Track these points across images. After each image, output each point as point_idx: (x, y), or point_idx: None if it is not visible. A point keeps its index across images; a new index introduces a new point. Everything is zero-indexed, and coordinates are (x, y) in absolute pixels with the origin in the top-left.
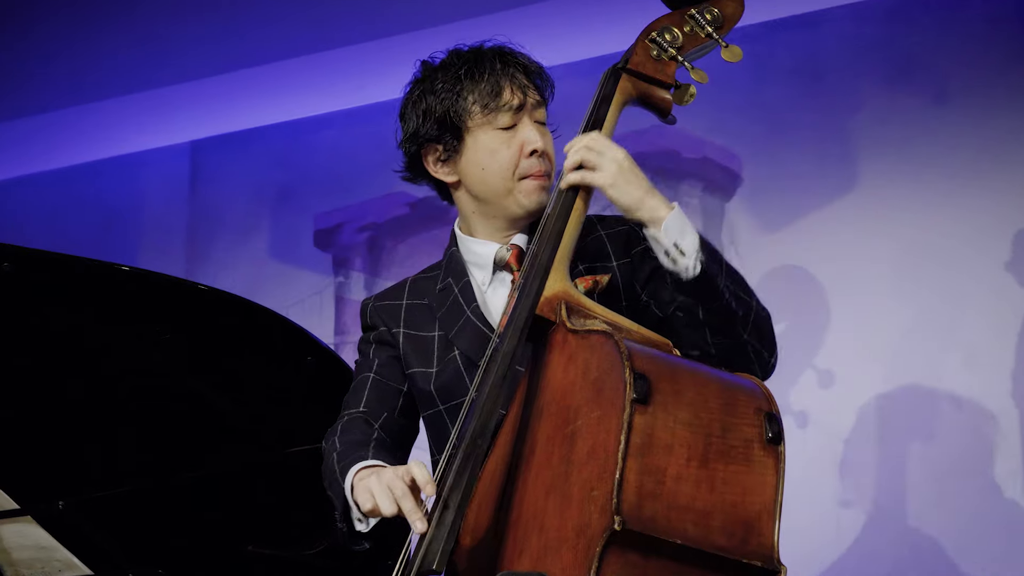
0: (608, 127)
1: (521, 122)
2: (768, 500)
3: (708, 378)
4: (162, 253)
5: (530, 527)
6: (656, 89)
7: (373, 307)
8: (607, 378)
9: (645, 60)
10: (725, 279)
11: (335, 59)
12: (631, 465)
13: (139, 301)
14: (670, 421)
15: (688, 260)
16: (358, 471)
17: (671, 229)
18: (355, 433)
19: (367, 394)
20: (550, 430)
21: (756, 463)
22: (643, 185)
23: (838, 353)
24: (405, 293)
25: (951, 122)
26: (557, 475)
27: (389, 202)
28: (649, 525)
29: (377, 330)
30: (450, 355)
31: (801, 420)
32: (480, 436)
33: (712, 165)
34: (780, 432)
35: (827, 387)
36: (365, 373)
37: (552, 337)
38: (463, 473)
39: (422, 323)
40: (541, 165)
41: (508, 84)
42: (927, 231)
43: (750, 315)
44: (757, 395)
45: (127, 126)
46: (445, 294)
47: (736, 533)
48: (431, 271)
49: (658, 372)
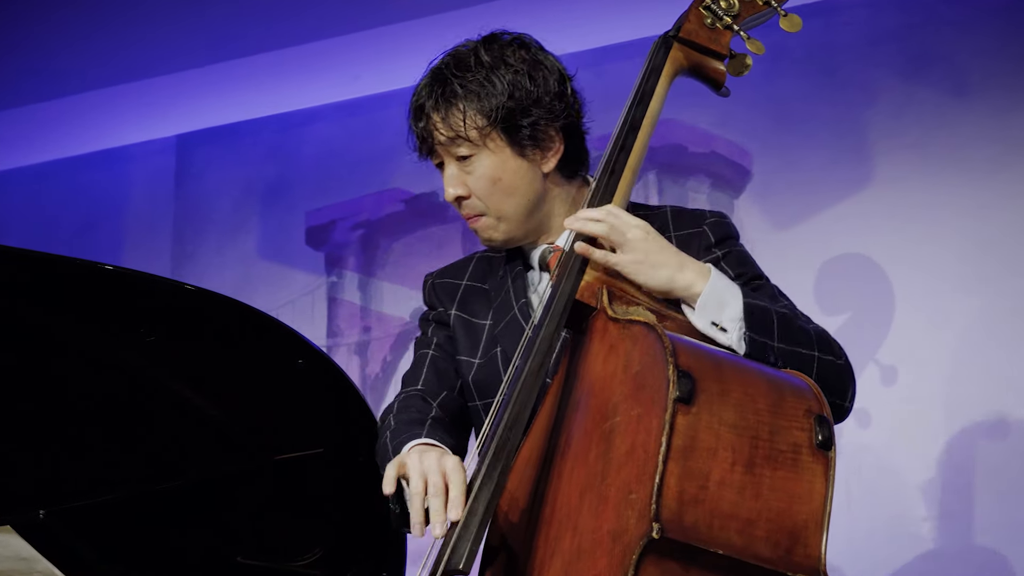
0: (657, 100)
1: (445, 164)
2: (816, 509)
3: (756, 376)
4: (147, 251)
5: (563, 527)
6: (709, 60)
7: (433, 284)
8: (649, 373)
9: (698, 28)
10: (778, 344)
11: (328, 49)
12: (672, 469)
13: (122, 302)
14: (715, 422)
15: (730, 336)
16: (411, 449)
17: (708, 306)
18: (411, 411)
19: (426, 371)
20: (587, 424)
21: (804, 469)
22: (670, 262)
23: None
24: (468, 272)
25: (970, 116)
26: (593, 473)
27: (384, 198)
28: (690, 534)
29: (435, 310)
30: (493, 351)
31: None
32: (512, 429)
33: (721, 160)
34: (831, 436)
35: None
36: (424, 350)
37: (592, 324)
38: (494, 468)
39: (477, 309)
40: (464, 210)
41: (420, 129)
42: (946, 229)
43: (812, 374)
44: (807, 395)
45: (110, 119)
46: (502, 283)
47: (781, 543)
48: (499, 249)
49: (703, 369)
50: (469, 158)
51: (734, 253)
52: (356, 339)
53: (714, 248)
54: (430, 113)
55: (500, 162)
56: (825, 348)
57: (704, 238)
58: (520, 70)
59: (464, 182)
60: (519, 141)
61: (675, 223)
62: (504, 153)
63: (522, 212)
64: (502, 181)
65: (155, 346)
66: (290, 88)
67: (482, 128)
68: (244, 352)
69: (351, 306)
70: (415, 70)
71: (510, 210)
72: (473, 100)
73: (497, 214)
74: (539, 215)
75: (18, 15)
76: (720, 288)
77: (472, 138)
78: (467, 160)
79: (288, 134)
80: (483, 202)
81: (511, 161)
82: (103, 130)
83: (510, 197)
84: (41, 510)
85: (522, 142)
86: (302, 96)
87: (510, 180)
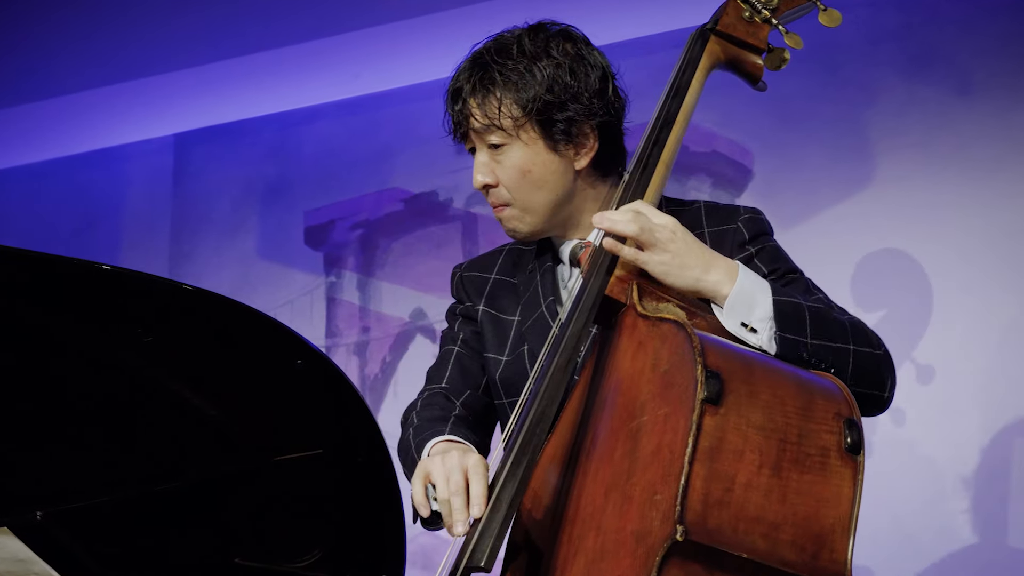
0: (693, 94)
1: (477, 150)
2: (843, 514)
3: (786, 378)
4: (144, 251)
5: (587, 526)
6: (747, 53)
7: (461, 277)
8: (677, 373)
9: (736, 21)
10: (811, 340)
11: (327, 47)
12: (698, 470)
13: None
14: (742, 424)
15: (761, 337)
16: (433, 446)
17: (737, 306)
18: (434, 408)
19: (450, 369)
20: (614, 423)
21: (832, 473)
22: (699, 260)
23: None
24: (496, 265)
25: (974, 115)
26: (619, 472)
27: (383, 198)
28: (715, 536)
29: (463, 304)
30: (520, 348)
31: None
32: (538, 425)
33: (722, 159)
34: (860, 440)
35: None
36: (449, 346)
37: (622, 320)
38: (518, 465)
39: (505, 305)
40: (489, 199)
41: (456, 113)
42: (948, 229)
43: (847, 366)
44: (837, 398)
45: (107, 118)
46: (531, 278)
47: (807, 548)
48: (530, 242)
49: (732, 369)
50: (501, 147)
51: (767, 249)
52: (355, 339)
53: (747, 245)
54: (467, 98)
55: (532, 154)
56: (861, 339)
57: (738, 235)
58: (562, 63)
59: (493, 171)
60: (553, 135)
61: (708, 219)
62: (537, 146)
63: (548, 207)
64: (532, 173)
65: (153, 346)
66: (289, 87)
67: (517, 119)
68: (242, 352)
69: (350, 306)
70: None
71: (537, 203)
72: (511, 89)
73: (523, 206)
74: (567, 211)
75: (16, 14)
76: (749, 287)
77: (506, 127)
78: (499, 149)
79: (287, 133)
80: (510, 193)
81: (543, 154)
82: (100, 129)
83: (538, 190)
84: (38, 511)
85: (556, 137)
86: (301, 95)
87: (540, 173)
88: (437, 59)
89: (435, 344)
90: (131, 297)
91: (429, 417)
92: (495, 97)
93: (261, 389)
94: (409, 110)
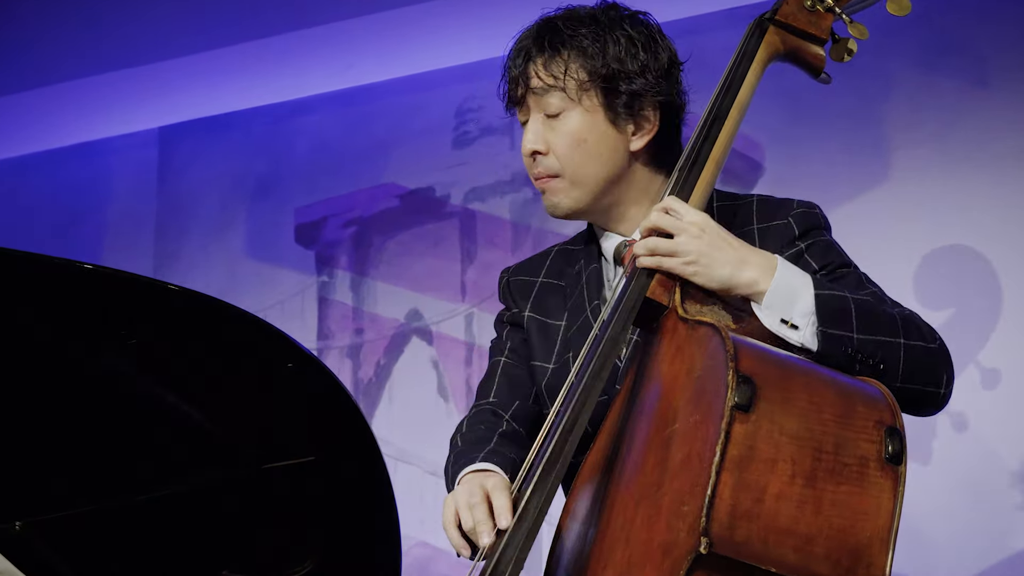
0: (747, 88)
1: (529, 117)
2: (882, 527)
3: (825, 383)
4: (128, 249)
5: (617, 538)
6: (808, 44)
7: (508, 282)
8: (710, 378)
9: (797, 11)
10: (858, 335)
11: (318, 36)
12: (726, 480)
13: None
14: (775, 432)
15: (803, 334)
16: (464, 476)
17: (775, 303)
18: (479, 428)
19: (497, 381)
20: (650, 430)
21: (871, 484)
22: (731, 258)
23: None
24: (545, 267)
25: (993, 107)
26: (650, 483)
27: (377, 194)
28: (742, 550)
29: (511, 310)
30: (566, 356)
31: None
32: (569, 434)
33: (732, 153)
34: (902, 449)
35: None
36: (497, 357)
37: (664, 324)
38: (547, 475)
39: (552, 308)
40: (536, 168)
41: (515, 77)
42: (966, 227)
43: (898, 362)
44: (880, 405)
45: (89, 110)
46: (577, 279)
47: (842, 562)
48: (577, 242)
49: (767, 375)
50: (559, 115)
51: (819, 244)
52: (348, 342)
53: (797, 240)
54: (533, 55)
55: (591, 124)
56: (913, 332)
57: (788, 230)
58: (634, 38)
59: (546, 138)
60: (615, 107)
61: (759, 214)
62: (597, 115)
63: (599, 182)
64: (587, 143)
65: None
66: (279, 78)
67: (582, 82)
68: (230, 356)
69: (343, 307)
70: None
71: (587, 176)
72: (580, 53)
73: (573, 177)
74: (614, 195)
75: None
76: (788, 282)
77: (569, 89)
78: (556, 116)
79: (276, 126)
80: (561, 162)
81: (602, 125)
82: (81, 122)
83: (591, 161)
84: (17, 521)
85: (618, 109)
86: (291, 86)
87: (595, 144)
88: (434, 49)
89: (431, 346)
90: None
91: (472, 439)
92: (562, 58)
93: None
94: (405, 102)
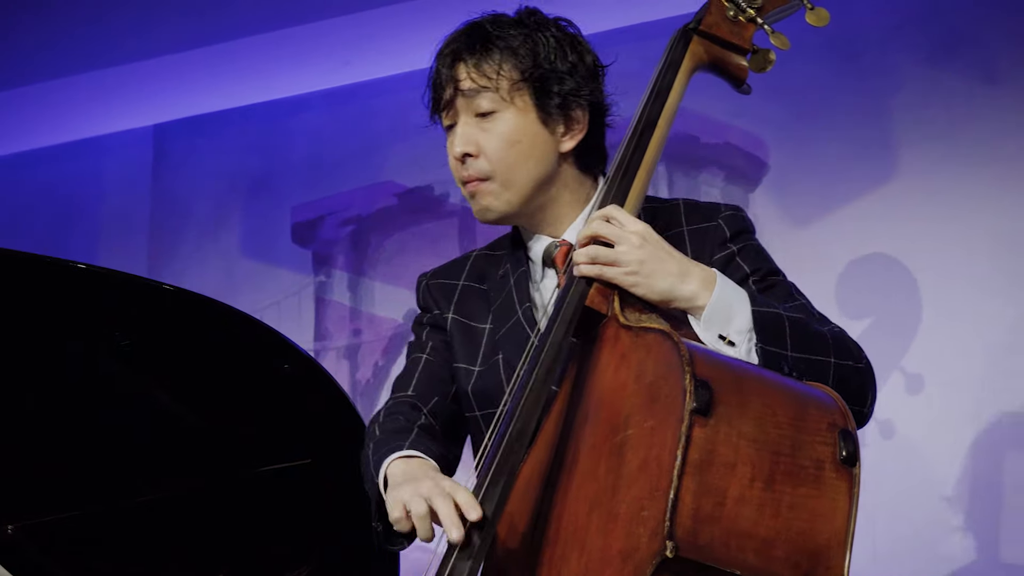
0: (675, 97)
1: (457, 121)
2: (839, 528)
3: (777, 388)
4: (122, 249)
5: (570, 545)
6: (731, 54)
7: (427, 285)
8: (663, 384)
9: (720, 21)
10: (792, 352)
11: (315, 33)
12: (687, 484)
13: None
14: (733, 436)
15: (739, 350)
16: (391, 463)
17: (714, 318)
18: (398, 419)
19: (418, 376)
20: (596, 438)
21: (828, 486)
22: (672, 270)
23: (873, 360)
24: (465, 271)
25: (1001, 104)
26: (603, 489)
27: (375, 192)
28: (705, 553)
29: (431, 312)
30: (494, 358)
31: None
32: (516, 442)
33: (735, 152)
34: (856, 451)
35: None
36: (417, 354)
37: (602, 332)
38: (496, 484)
39: (475, 312)
40: (465, 171)
41: (443, 77)
42: (975, 226)
43: (828, 381)
44: (831, 408)
45: (82, 107)
46: (503, 283)
47: (801, 564)
48: (497, 247)
49: (722, 380)
50: (490, 115)
51: (750, 247)
52: (345, 342)
53: (729, 243)
54: (464, 56)
55: (523, 124)
56: (843, 353)
57: (719, 232)
58: (561, 39)
59: (477, 140)
60: (547, 108)
61: (688, 217)
62: (529, 116)
63: (530, 184)
64: (520, 145)
65: (130, 350)
66: (275, 75)
67: (515, 82)
68: (226, 356)
69: (340, 307)
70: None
71: (519, 178)
72: (511, 54)
73: (504, 180)
74: (544, 197)
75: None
76: (727, 298)
77: (502, 89)
78: (487, 117)
79: (273, 124)
80: (492, 165)
81: (534, 126)
82: (74, 119)
83: (524, 163)
84: (9, 525)
85: (550, 109)
86: (288, 83)
87: (528, 146)
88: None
89: None
90: (107, 298)
91: (392, 429)
92: (494, 59)
93: (245, 395)
94: (403, 99)
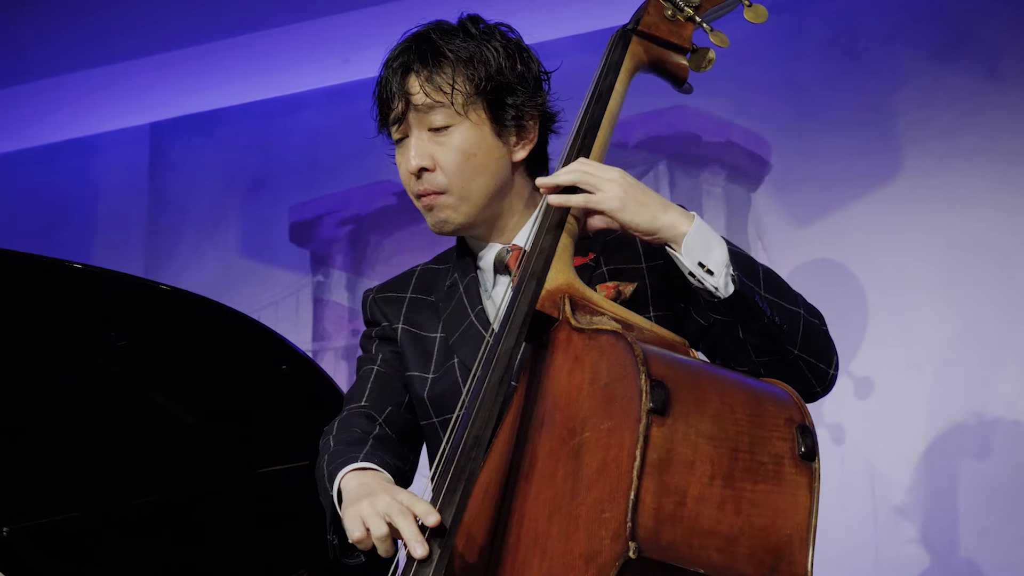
0: (616, 98)
1: (409, 134)
2: (800, 524)
3: (733, 385)
4: (118, 249)
5: (531, 551)
6: (670, 54)
7: (374, 299)
8: (619, 385)
9: (658, 21)
10: (764, 293)
11: (314, 30)
12: (647, 484)
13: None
14: (691, 434)
15: (717, 279)
16: (345, 475)
17: (693, 246)
18: (353, 430)
19: (370, 387)
20: (553, 442)
21: (787, 481)
22: (654, 200)
23: (877, 361)
24: (411, 284)
25: (1006, 101)
26: (561, 494)
27: (373, 192)
28: (668, 552)
29: (379, 325)
30: (449, 363)
31: (837, 434)
32: (474, 449)
33: (737, 150)
34: (814, 446)
35: (864, 398)
36: (368, 366)
37: (555, 336)
38: (454, 492)
39: (425, 322)
40: (419, 185)
41: (393, 90)
42: (978, 225)
43: (797, 329)
44: (788, 404)
45: (79, 106)
46: (451, 292)
47: (765, 561)
48: (442, 261)
49: (677, 378)
50: (445, 129)
51: None
52: (344, 343)
53: None
54: (416, 70)
55: (479, 138)
56: (812, 311)
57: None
58: (510, 49)
59: (432, 154)
60: (501, 119)
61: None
62: (484, 129)
63: (486, 196)
64: (476, 158)
65: (127, 351)
66: (273, 73)
67: (469, 96)
68: (223, 357)
69: (338, 307)
70: None
71: (475, 191)
72: (463, 66)
73: (461, 193)
74: (497, 206)
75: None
76: (705, 231)
77: (457, 104)
78: (442, 131)
79: (271, 122)
80: (449, 179)
81: (489, 138)
82: (71, 118)
83: (479, 176)
84: (5, 527)
85: (504, 122)
86: (286, 81)
87: (483, 158)
88: None
89: None
90: (104, 298)
91: (347, 440)
92: (446, 73)
93: (243, 396)
94: None
